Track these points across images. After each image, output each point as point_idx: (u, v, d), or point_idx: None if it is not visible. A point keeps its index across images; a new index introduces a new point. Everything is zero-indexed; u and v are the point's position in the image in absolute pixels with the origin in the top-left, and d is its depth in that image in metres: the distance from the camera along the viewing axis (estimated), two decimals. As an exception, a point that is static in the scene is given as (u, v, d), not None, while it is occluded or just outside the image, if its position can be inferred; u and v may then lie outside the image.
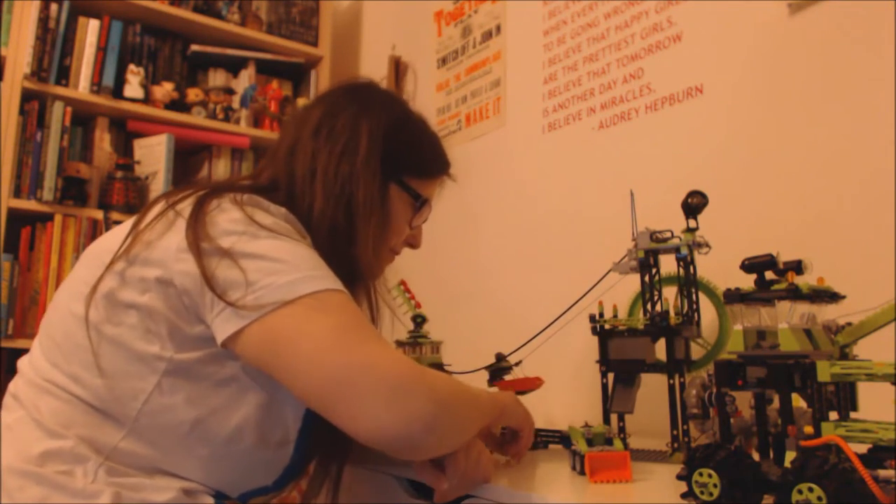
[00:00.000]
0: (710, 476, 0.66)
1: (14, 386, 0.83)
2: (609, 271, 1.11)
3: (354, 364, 0.69)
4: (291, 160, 0.91)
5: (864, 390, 0.73)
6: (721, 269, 1.00)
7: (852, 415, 0.73)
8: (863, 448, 0.65)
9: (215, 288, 0.72)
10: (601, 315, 1.08)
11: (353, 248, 0.87)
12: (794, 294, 0.71)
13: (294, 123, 0.96)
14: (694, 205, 1.05)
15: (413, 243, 1.04)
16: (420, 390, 0.70)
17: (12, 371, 0.84)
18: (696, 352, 1.10)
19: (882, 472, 0.65)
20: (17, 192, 1.87)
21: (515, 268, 1.74)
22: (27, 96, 1.91)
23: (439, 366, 1.30)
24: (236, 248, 0.73)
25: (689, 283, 1.05)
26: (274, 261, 0.73)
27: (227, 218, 0.76)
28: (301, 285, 0.72)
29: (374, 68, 2.39)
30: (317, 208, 0.86)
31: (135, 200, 2.03)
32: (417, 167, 0.99)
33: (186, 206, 0.79)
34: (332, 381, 0.69)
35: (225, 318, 0.72)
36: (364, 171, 0.89)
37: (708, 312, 1.10)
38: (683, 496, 0.69)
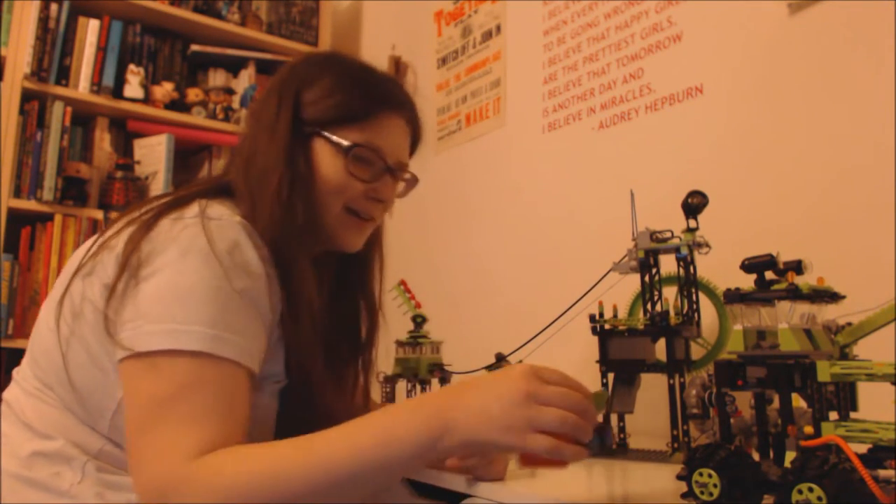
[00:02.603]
0: (710, 476, 0.66)
1: (8, 393, 0.84)
2: (609, 271, 1.11)
3: (139, 448, 0.68)
4: (237, 152, 0.91)
5: (864, 390, 0.73)
6: (721, 269, 1.00)
7: (852, 415, 0.74)
8: (863, 448, 0.65)
9: (108, 310, 0.73)
10: (601, 315, 1.08)
11: (299, 217, 0.83)
12: (794, 294, 0.71)
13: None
14: (694, 205, 1.06)
15: (377, 197, 0.92)
16: (175, 497, 0.64)
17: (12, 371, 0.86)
18: (696, 352, 1.09)
19: (882, 472, 0.65)
20: (17, 192, 1.87)
21: (515, 267, 1.74)
22: (27, 96, 1.91)
23: (440, 366, 1.30)
24: (141, 276, 0.73)
25: (689, 283, 1.05)
26: (156, 302, 0.71)
27: (160, 238, 0.75)
28: (156, 339, 0.70)
29: (374, 68, 2.38)
30: (261, 193, 0.83)
31: (135, 200, 2.03)
32: (340, 114, 0.89)
33: (149, 216, 0.78)
34: (129, 450, 0.70)
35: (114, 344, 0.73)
36: (274, 137, 0.86)
37: (708, 312, 1.10)
38: (683, 496, 0.69)
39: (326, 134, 0.88)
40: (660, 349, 1.03)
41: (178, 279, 0.72)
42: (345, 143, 0.88)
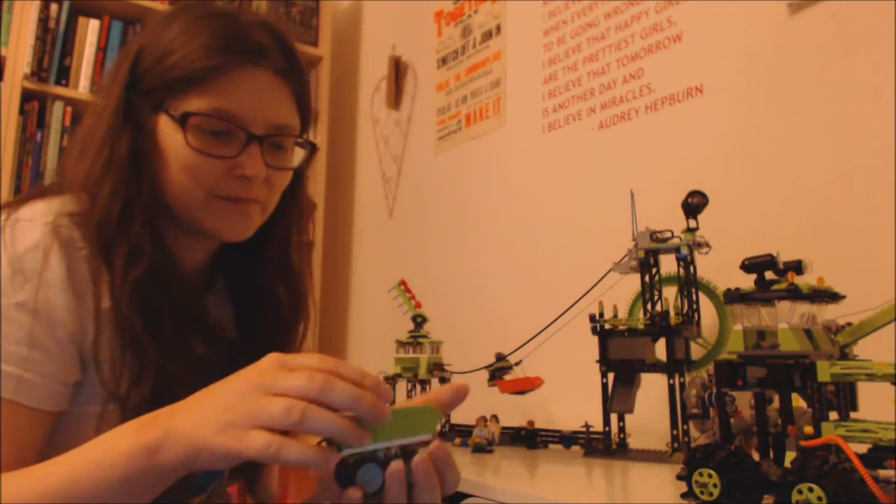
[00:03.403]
0: (710, 476, 0.66)
1: None
2: (609, 271, 1.12)
3: None
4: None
5: (864, 390, 0.73)
6: (721, 269, 1.00)
7: (852, 415, 0.74)
8: (863, 448, 0.65)
9: None
10: (601, 315, 1.08)
11: (110, 210, 0.70)
12: (794, 294, 0.71)
13: None
14: (694, 205, 1.06)
15: (242, 174, 0.73)
16: None
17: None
18: (696, 352, 1.10)
19: (882, 472, 0.65)
20: (17, 193, 1.87)
21: (516, 267, 1.74)
22: (27, 96, 1.91)
23: (440, 365, 1.30)
24: None
25: (689, 283, 1.05)
26: None
27: None
28: None
29: (374, 68, 2.39)
30: (72, 186, 0.73)
31: (135, 200, 2.03)
32: (179, 78, 0.72)
33: None
34: None
35: None
36: (98, 121, 0.74)
37: (708, 312, 1.10)
38: (683, 496, 0.69)
39: (172, 104, 0.72)
40: (660, 349, 1.03)
41: None
42: (187, 110, 0.71)
